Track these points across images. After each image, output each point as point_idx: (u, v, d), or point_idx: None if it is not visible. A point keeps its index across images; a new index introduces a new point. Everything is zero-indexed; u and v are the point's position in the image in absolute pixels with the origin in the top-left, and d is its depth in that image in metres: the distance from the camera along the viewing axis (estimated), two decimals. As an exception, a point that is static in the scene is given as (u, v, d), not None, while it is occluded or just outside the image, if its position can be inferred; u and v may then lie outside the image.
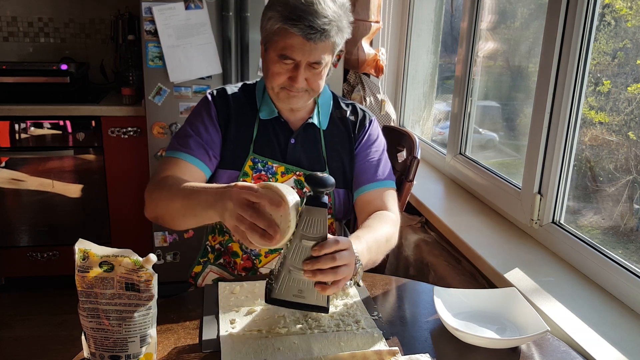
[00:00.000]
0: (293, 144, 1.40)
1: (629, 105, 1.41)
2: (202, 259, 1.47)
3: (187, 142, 1.33)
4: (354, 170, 1.43)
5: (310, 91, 1.31)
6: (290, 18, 1.20)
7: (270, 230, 0.93)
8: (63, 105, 2.62)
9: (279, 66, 1.27)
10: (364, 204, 1.40)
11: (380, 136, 1.49)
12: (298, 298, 1.02)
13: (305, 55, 1.24)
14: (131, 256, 0.87)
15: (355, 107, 1.49)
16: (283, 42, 1.24)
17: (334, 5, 1.23)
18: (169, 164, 1.31)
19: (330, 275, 0.98)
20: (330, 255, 0.97)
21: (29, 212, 2.76)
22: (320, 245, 0.97)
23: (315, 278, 0.98)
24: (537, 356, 1.02)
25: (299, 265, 0.99)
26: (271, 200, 0.93)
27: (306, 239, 0.98)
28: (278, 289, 1.02)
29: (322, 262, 0.97)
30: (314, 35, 1.21)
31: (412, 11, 2.76)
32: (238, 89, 1.44)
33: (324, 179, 0.96)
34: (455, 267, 1.69)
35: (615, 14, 1.46)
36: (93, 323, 0.88)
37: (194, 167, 1.32)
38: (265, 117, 1.39)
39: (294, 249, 0.98)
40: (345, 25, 1.28)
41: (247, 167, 1.37)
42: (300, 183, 1.39)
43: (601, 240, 1.44)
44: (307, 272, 0.98)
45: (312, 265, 0.97)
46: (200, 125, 1.36)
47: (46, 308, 2.69)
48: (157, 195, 1.23)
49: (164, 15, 2.39)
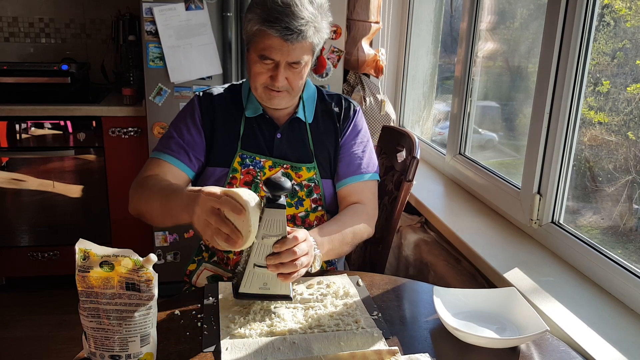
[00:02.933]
0: (279, 138, 1.43)
1: (628, 106, 1.41)
2: (196, 257, 1.50)
3: (170, 144, 1.39)
4: (339, 163, 1.47)
5: (291, 91, 1.36)
6: (267, 20, 1.26)
7: (232, 236, 1.01)
8: (64, 105, 2.62)
9: (260, 66, 1.32)
10: (343, 197, 1.47)
11: (365, 126, 1.53)
12: (264, 290, 1.12)
13: (284, 55, 1.29)
14: (131, 256, 0.88)
15: (340, 98, 1.52)
16: (262, 43, 1.29)
17: (310, 7, 1.28)
18: (152, 165, 1.38)
19: (292, 267, 1.08)
20: (291, 249, 1.07)
21: (30, 212, 2.76)
22: (280, 242, 1.07)
23: (278, 271, 1.08)
24: (536, 356, 1.02)
25: (262, 262, 1.09)
26: (233, 208, 1.00)
27: (267, 237, 1.07)
28: (245, 284, 1.11)
29: (284, 256, 1.07)
30: (291, 36, 1.26)
31: (411, 11, 2.76)
32: (224, 90, 1.49)
33: (280, 183, 1.05)
34: (454, 267, 1.69)
35: (614, 14, 1.47)
36: (93, 323, 0.89)
37: (175, 168, 1.38)
38: (250, 114, 1.43)
39: (257, 247, 1.08)
40: (324, 25, 1.33)
41: (236, 163, 1.41)
42: (288, 176, 1.42)
43: (600, 240, 1.44)
44: (271, 267, 1.08)
45: (274, 260, 1.07)
46: (183, 127, 1.42)
47: (46, 308, 2.69)
48: (139, 193, 1.31)
49: (165, 16, 2.39)
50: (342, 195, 1.47)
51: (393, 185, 1.65)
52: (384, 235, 1.60)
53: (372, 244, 1.66)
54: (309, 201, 1.43)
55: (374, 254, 1.65)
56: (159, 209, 1.23)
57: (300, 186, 1.42)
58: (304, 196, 1.43)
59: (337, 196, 1.48)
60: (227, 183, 1.40)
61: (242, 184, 1.40)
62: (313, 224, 1.43)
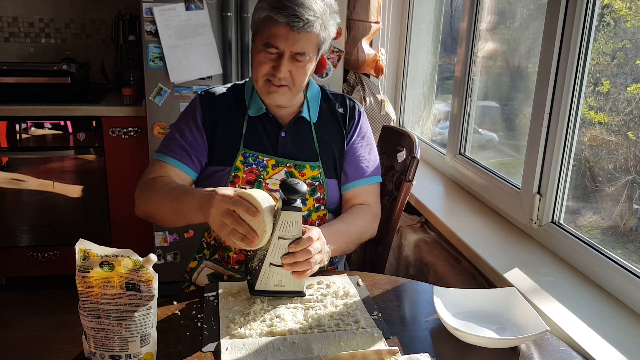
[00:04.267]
0: (284, 137, 1.43)
1: (629, 106, 1.41)
2: (197, 255, 1.49)
3: (172, 146, 1.40)
4: (345, 165, 1.48)
5: (292, 86, 1.35)
6: (276, 7, 1.27)
7: (248, 236, 1.06)
8: (64, 105, 2.62)
9: (264, 55, 1.32)
10: (349, 198, 1.49)
11: (368, 128, 1.55)
12: (279, 287, 1.15)
13: (288, 44, 1.29)
14: (131, 256, 0.88)
15: (344, 98, 1.53)
16: (268, 30, 1.30)
17: (321, 2, 1.30)
18: (156, 167, 1.39)
19: (306, 265, 1.12)
20: (305, 249, 1.10)
21: (30, 212, 2.76)
22: (296, 242, 1.11)
23: (293, 269, 1.12)
24: (536, 356, 1.02)
25: (278, 261, 1.12)
26: (247, 209, 1.04)
27: (283, 238, 1.10)
28: (260, 282, 1.13)
29: (298, 255, 1.10)
30: (298, 23, 1.26)
31: (411, 11, 2.76)
32: (227, 89, 1.48)
33: (297, 188, 1.08)
34: (454, 267, 1.69)
35: (614, 14, 1.47)
36: (93, 323, 0.89)
37: (178, 170, 1.39)
38: (253, 113, 1.43)
39: (273, 247, 1.11)
40: (331, 24, 1.34)
41: (239, 161, 1.40)
42: (291, 174, 1.42)
43: (600, 240, 1.44)
44: (286, 266, 1.11)
45: (290, 259, 1.11)
46: (185, 128, 1.42)
47: (46, 308, 2.69)
48: (146, 195, 1.32)
49: (165, 16, 2.39)
50: (348, 197, 1.49)
51: (393, 185, 1.65)
52: (384, 235, 1.60)
53: (372, 244, 1.66)
54: (312, 200, 1.43)
55: (374, 254, 1.65)
56: (169, 211, 1.26)
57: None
58: (307, 195, 1.43)
59: (342, 197, 1.49)
60: (229, 182, 1.40)
61: (244, 183, 1.40)
62: (315, 224, 1.43)
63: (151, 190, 1.31)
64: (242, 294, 1.18)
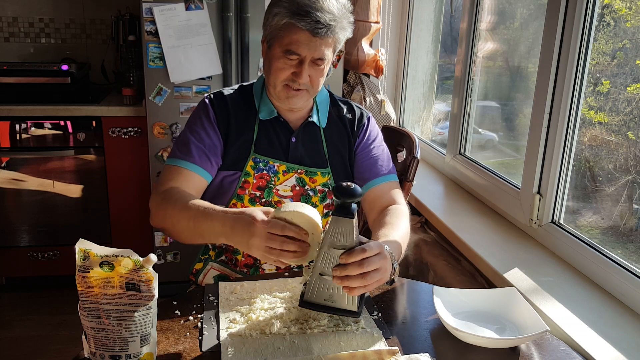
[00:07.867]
0: (294, 142, 1.40)
1: (628, 106, 1.41)
2: (203, 256, 1.47)
3: (189, 150, 1.33)
4: (358, 168, 1.45)
5: (311, 90, 1.33)
6: (297, 13, 1.23)
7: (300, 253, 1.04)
8: (64, 105, 2.62)
9: (283, 62, 1.28)
10: (373, 199, 1.42)
11: (379, 132, 1.52)
12: (329, 302, 1.05)
13: (310, 50, 1.26)
14: (131, 256, 0.88)
15: (352, 105, 1.51)
16: (289, 37, 1.26)
17: (337, 3, 1.27)
18: (172, 173, 1.31)
19: (359, 281, 1.00)
20: (358, 262, 0.99)
21: (30, 212, 2.76)
22: (347, 253, 1.00)
23: (343, 284, 1.01)
24: (536, 356, 1.02)
25: (328, 272, 1.02)
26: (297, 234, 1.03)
27: (335, 247, 1.01)
28: (309, 292, 1.05)
29: (350, 269, 0.99)
30: (321, 30, 1.23)
31: (411, 12, 2.76)
32: (235, 91, 1.44)
33: (353, 190, 0.99)
34: (454, 267, 1.69)
35: (614, 14, 1.47)
36: (93, 323, 0.89)
37: (197, 175, 1.32)
38: (264, 117, 1.40)
39: (323, 256, 1.02)
40: (347, 24, 1.31)
41: (249, 167, 1.37)
42: (302, 181, 1.40)
43: (600, 240, 1.44)
44: (336, 278, 1.01)
45: (340, 272, 1.00)
46: (201, 130, 1.36)
47: (46, 308, 2.69)
48: (163, 208, 1.25)
49: (165, 16, 2.39)
50: (372, 197, 1.41)
51: (393, 185, 1.65)
52: (384, 235, 1.60)
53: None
54: (321, 207, 1.41)
55: (374, 254, 1.65)
56: (187, 230, 1.20)
57: (314, 191, 1.40)
58: (317, 202, 1.41)
59: (365, 199, 1.43)
60: (239, 187, 1.37)
61: (254, 189, 1.37)
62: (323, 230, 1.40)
63: (167, 204, 1.24)
64: (243, 293, 1.18)
